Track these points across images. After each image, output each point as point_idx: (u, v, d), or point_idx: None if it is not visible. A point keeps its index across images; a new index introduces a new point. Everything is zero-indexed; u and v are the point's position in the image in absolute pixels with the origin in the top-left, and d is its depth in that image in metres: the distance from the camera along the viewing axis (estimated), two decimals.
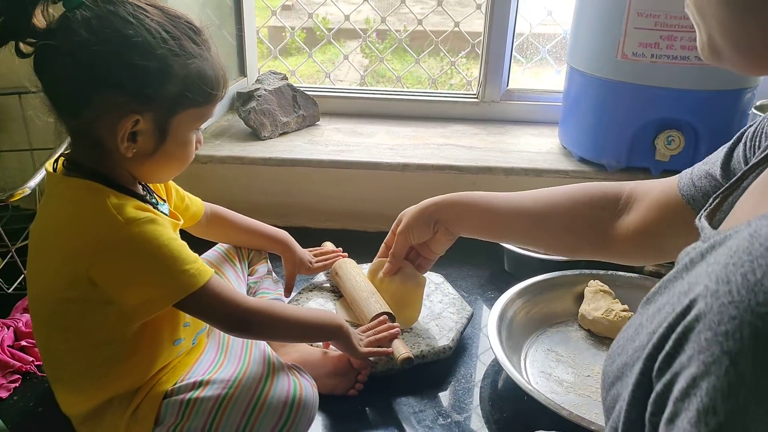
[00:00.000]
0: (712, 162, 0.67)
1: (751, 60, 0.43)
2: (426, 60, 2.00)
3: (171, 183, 0.88)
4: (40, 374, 0.96)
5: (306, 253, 1.09)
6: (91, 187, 0.69)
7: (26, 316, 1.05)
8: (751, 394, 0.31)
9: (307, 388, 0.78)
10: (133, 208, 0.69)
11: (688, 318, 0.35)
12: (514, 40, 1.52)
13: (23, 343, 0.99)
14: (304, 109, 1.46)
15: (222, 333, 0.84)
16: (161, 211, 0.76)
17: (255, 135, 1.41)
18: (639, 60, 1.18)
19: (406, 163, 1.31)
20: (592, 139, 1.30)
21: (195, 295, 0.69)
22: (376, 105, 1.56)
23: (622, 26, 1.18)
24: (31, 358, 0.97)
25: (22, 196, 1.02)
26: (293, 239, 1.06)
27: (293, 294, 1.08)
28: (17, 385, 0.94)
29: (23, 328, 1.02)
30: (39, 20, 0.65)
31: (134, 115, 0.67)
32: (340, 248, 1.16)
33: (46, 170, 0.73)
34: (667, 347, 0.36)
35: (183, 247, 0.70)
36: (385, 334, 0.90)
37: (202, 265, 0.71)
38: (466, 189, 1.37)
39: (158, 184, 0.83)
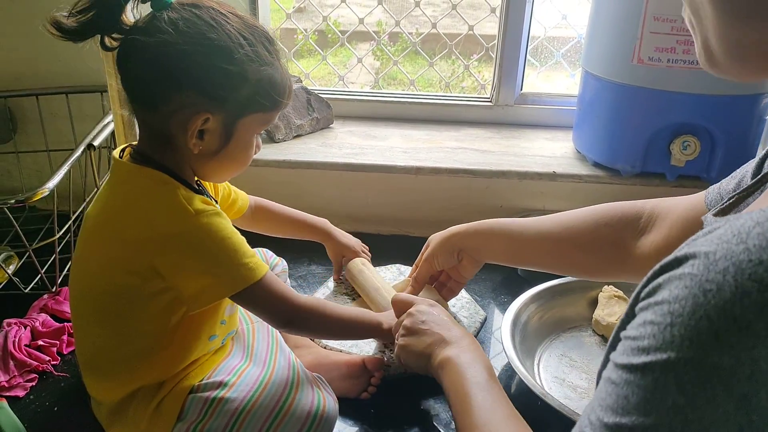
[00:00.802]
0: (741, 174, 0.66)
1: (744, 65, 0.43)
2: (438, 63, 2.00)
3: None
4: (56, 374, 0.97)
5: (350, 239, 1.13)
6: (162, 179, 0.72)
7: (43, 316, 1.06)
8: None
9: (330, 402, 0.78)
10: (200, 201, 0.72)
11: (677, 270, 0.37)
12: (529, 43, 1.52)
13: (40, 342, 1.00)
14: (318, 111, 1.47)
15: (248, 337, 0.86)
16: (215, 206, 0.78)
17: (269, 137, 1.41)
18: (655, 65, 1.18)
19: (419, 167, 1.31)
20: (607, 144, 1.29)
21: (252, 288, 0.72)
22: (390, 108, 1.56)
23: (638, 30, 1.17)
24: (48, 358, 0.98)
25: (42, 196, 1.03)
26: (333, 226, 1.11)
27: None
28: (34, 384, 0.95)
29: (40, 328, 1.03)
30: (128, 17, 0.70)
31: (205, 114, 0.70)
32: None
33: (113, 158, 0.76)
34: (648, 287, 0.39)
35: (243, 242, 0.74)
36: None
37: (259, 261, 0.74)
38: (479, 193, 1.39)
39: (209, 183, 0.87)
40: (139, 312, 0.73)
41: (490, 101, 1.55)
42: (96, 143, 1.12)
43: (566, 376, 0.98)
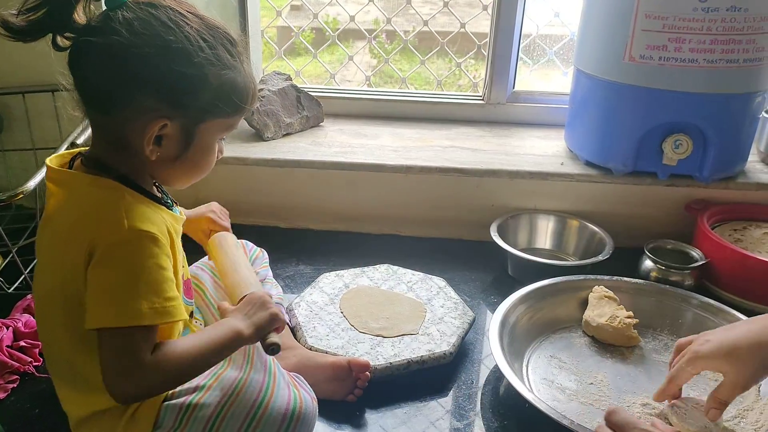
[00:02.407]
0: None
1: None
2: (435, 61, 1.98)
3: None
4: (38, 375, 0.96)
5: (194, 213, 0.99)
6: (110, 185, 0.69)
7: (26, 316, 1.05)
8: None
9: (307, 400, 0.77)
10: (144, 218, 0.67)
11: None
12: (521, 41, 1.50)
13: (22, 343, 0.99)
14: (308, 110, 1.45)
15: None
16: (174, 213, 0.76)
17: (258, 136, 1.40)
18: (647, 63, 1.16)
19: (409, 165, 1.29)
20: (599, 143, 1.28)
21: (118, 330, 0.64)
22: (381, 106, 1.55)
23: (629, 28, 1.16)
24: (30, 359, 0.97)
25: (23, 195, 1.01)
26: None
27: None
28: (15, 385, 0.94)
29: (22, 329, 1.02)
30: (80, 16, 0.66)
31: (163, 120, 0.67)
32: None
33: (51, 167, 0.71)
34: None
35: (165, 280, 0.67)
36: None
37: (168, 307, 0.66)
38: (470, 192, 1.38)
39: None
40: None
41: (482, 99, 1.53)
42: (79, 141, 1.10)
43: (555, 378, 0.96)
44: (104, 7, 0.66)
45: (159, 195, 0.75)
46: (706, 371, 0.95)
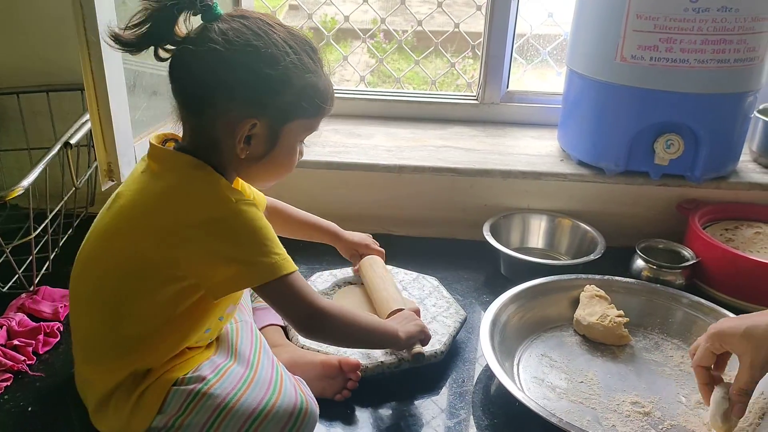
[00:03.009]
0: None
1: None
2: (432, 61, 1.98)
3: (241, 182, 0.93)
4: (32, 374, 0.96)
5: (358, 236, 1.16)
6: (205, 168, 0.75)
7: (20, 315, 1.05)
8: None
9: (311, 405, 0.78)
10: (238, 192, 0.76)
11: None
12: (515, 41, 1.51)
13: (16, 342, 0.99)
14: None
15: (232, 336, 0.86)
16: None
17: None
18: (638, 63, 1.17)
19: (402, 165, 1.30)
20: (591, 143, 1.29)
21: (277, 282, 0.74)
22: (376, 106, 1.55)
23: (621, 28, 1.16)
24: (23, 358, 0.97)
25: (17, 194, 1.02)
26: (341, 229, 1.14)
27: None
28: (9, 384, 0.94)
29: (16, 328, 1.02)
30: (180, 29, 0.73)
31: (253, 119, 0.73)
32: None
33: (154, 146, 0.77)
34: None
35: (275, 236, 0.76)
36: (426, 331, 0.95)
37: (288, 257, 0.76)
38: (463, 191, 1.38)
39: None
40: (149, 297, 0.74)
41: (476, 99, 1.54)
42: (73, 141, 1.11)
43: (546, 377, 0.97)
44: (201, 21, 0.74)
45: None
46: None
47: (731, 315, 1.03)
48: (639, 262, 1.22)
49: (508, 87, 1.54)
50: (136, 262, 0.74)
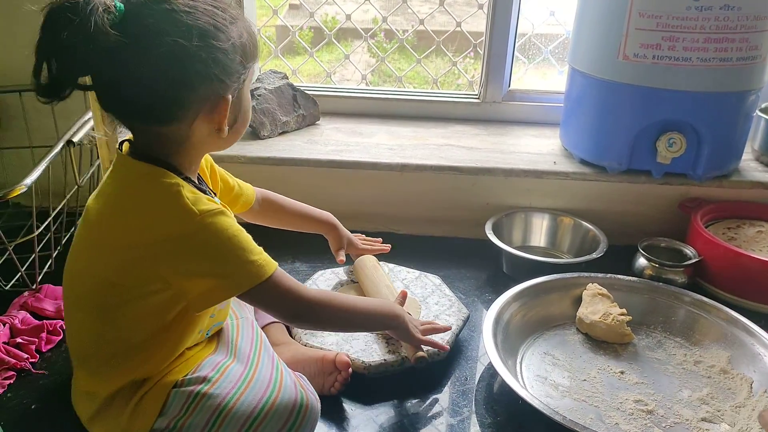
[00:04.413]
0: None
1: None
2: (434, 60, 1.98)
3: (221, 173, 0.93)
4: (35, 371, 0.96)
5: (352, 235, 1.14)
6: (168, 179, 0.70)
7: (23, 313, 1.05)
8: None
9: (312, 401, 0.78)
10: (205, 201, 0.71)
11: None
12: (516, 40, 1.51)
13: (19, 340, 0.99)
14: (304, 108, 1.46)
15: (232, 334, 0.85)
16: (215, 200, 0.77)
17: (254, 134, 1.40)
18: (640, 61, 1.17)
19: (404, 164, 1.30)
20: (594, 141, 1.29)
21: (258, 287, 0.72)
22: (377, 105, 1.55)
23: (623, 27, 1.16)
24: (27, 355, 0.97)
25: (19, 193, 1.02)
26: (338, 221, 1.12)
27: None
28: (12, 382, 0.94)
29: (19, 326, 1.02)
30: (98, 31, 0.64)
31: (225, 96, 0.70)
32: (379, 239, 1.20)
33: (118, 153, 0.74)
34: None
35: (249, 239, 0.73)
36: (440, 326, 0.96)
37: (266, 257, 0.74)
38: (465, 190, 1.38)
39: (207, 176, 0.87)
40: (136, 308, 0.73)
41: (478, 98, 1.54)
42: (75, 139, 1.11)
43: (548, 375, 0.97)
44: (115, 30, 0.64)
45: (200, 186, 0.78)
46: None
47: (734, 313, 1.03)
48: (641, 261, 1.22)
49: (509, 86, 1.54)
50: (114, 277, 0.72)
